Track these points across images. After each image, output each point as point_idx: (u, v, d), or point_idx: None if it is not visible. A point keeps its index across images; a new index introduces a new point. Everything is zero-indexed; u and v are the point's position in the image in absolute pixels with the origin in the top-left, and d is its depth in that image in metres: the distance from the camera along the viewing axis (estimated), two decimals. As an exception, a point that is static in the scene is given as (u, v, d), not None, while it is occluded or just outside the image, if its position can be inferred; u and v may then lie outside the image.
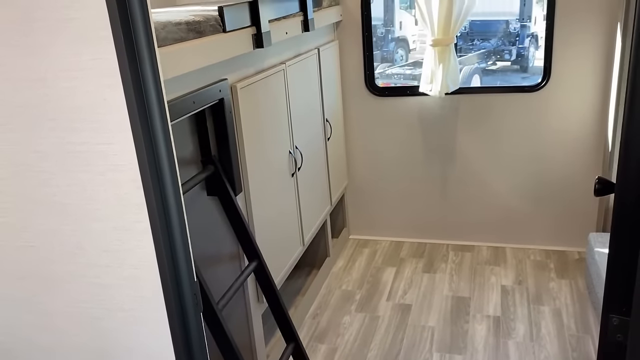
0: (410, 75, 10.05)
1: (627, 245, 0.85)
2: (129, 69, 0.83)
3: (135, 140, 0.86)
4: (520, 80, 9.65)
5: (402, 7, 10.78)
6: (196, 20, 1.87)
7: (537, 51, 10.25)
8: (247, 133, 2.32)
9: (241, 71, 2.32)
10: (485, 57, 9.87)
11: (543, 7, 10.76)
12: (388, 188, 3.88)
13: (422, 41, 10.94)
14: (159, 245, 0.89)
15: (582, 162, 3.43)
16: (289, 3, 2.69)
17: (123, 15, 0.80)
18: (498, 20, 9.75)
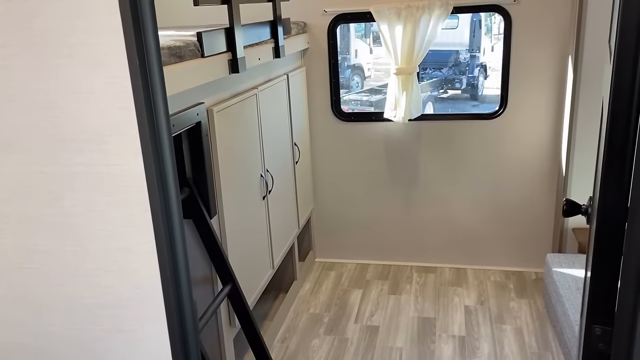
0: (367, 102, 10.30)
1: (608, 259, 0.93)
2: (142, 93, 0.85)
3: (146, 162, 0.88)
4: (471, 108, 10.04)
5: (357, 36, 11.08)
6: (177, 45, 1.90)
7: (485, 80, 10.72)
8: (222, 156, 2.33)
9: (217, 95, 2.35)
10: (437, 86, 10.23)
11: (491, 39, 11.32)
12: (353, 211, 3.95)
13: (376, 69, 11.28)
14: (164, 266, 0.90)
15: (538, 186, 3.60)
16: (261, 30, 2.75)
17: (139, 41, 0.83)
18: (449, 50, 10.15)
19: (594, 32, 3.01)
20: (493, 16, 10.89)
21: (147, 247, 0.92)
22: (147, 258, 0.91)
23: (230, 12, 2.27)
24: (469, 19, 9.86)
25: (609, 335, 0.94)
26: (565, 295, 2.77)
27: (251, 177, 2.69)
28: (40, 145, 0.87)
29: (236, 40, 2.31)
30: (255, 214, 2.76)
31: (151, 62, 0.85)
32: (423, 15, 3.33)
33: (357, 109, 9.85)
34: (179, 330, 0.94)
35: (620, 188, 0.92)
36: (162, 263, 0.90)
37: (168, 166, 0.90)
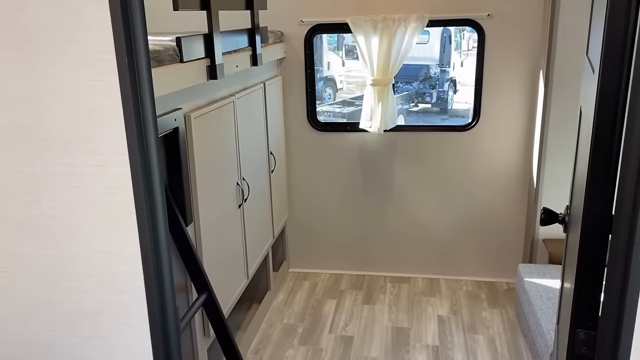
0: (340, 113, 10.35)
1: (591, 266, 0.95)
2: (131, 92, 0.83)
3: (132, 163, 0.85)
4: (441, 121, 10.20)
5: (330, 49, 11.16)
6: (156, 50, 1.87)
7: (455, 95, 10.92)
8: (199, 163, 2.30)
9: (194, 101, 2.33)
10: (408, 100, 10.37)
11: (460, 55, 11.54)
12: (327, 221, 3.95)
13: (348, 81, 11.37)
14: (148, 271, 0.87)
15: (510, 197, 3.67)
16: (239, 37, 2.73)
17: (128, 38, 0.81)
18: (420, 64, 10.32)
19: (564, 47, 3.10)
20: (463, 32, 11.15)
21: (130, 250, 0.89)
22: (131, 262, 0.88)
23: (209, 18, 2.25)
24: (439, 34, 10.05)
25: (592, 339, 0.95)
26: (538, 305, 2.82)
27: (227, 184, 2.67)
28: (21, 144, 0.83)
29: (215, 46, 2.29)
30: (231, 222, 2.72)
31: (140, 61, 0.83)
32: (399, 28, 3.38)
33: (330, 121, 9.91)
34: (162, 337, 0.91)
35: (604, 199, 0.94)
36: (147, 267, 0.87)
37: (154, 167, 0.88)
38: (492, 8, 3.34)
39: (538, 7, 3.27)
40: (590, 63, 1.16)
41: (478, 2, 3.34)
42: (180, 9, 1.98)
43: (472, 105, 3.65)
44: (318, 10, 3.52)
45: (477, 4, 3.35)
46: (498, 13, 3.34)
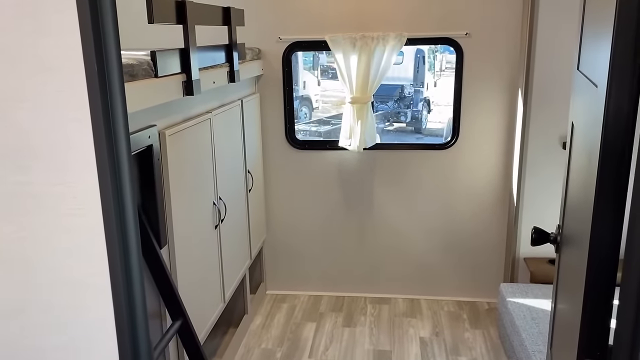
0: (316, 132, 10.34)
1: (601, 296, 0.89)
2: (101, 103, 0.75)
3: (101, 182, 0.77)
4: (415, 140, 10.27)
5: (305, 68, 11.19)
6: (129, 64, 1.78)
7: (429, 114, 11.03)
8: (174, 182, 2.20)
9: (169, 118, 2.23)
10: (383, 119, 10.44)
11: (434, 75, 11.71)
12: (306, 241, 3.86)
13: (324, 100, 11.40)
14: (118, 302, 0.78)
15: (489, 216, 3.65)
16: (216, 53, 2.66)
17: (98, 44, 0.73)
18: (394, 84, 10.42)
19: (543, 64, 3.11)
20: (436, 52, 11.32)
21: (99, 279, 0.80)
22: (99, 292, 0.78)
23: (185, 33, 2.18)
24: (413, 55, 10.17)
25: (601, 369, 0.89)
26: (522, 326, 2.77)
27: (204, 204, 2.56)
28: (-26, 162, 0.74)
29: (191, 61, 2.21)
30: (207, 244, 2.62)
31: (111, 70, 0.75)
32: (377, 46, 3.36)
33: (306, 139, 9.87)
34: (134, 376, 0.81)
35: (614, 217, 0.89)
36: (117, 298, 0.78)
37: (126, 188, 0.79)
38: (470, 27, 3.35)
39: (516, 25, 3.29)
40: (589, 78, 1.11)
41: (456, 21, 3.35)
42: (155, 22, 1.90)
43: (446, 124, 3.64)
44: (296, 27, 3.48)
45: (455, 23, 3.35)
46: (476, 32, 3.35)
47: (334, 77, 10.70)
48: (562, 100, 3.15)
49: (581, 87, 1.27)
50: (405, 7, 3.36)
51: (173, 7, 2.10)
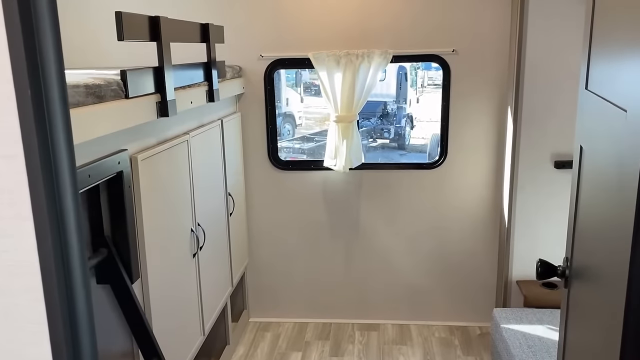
0: (299, 149, 10.24)
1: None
2: (36, 134, 0.60)
3: (39, 233, 0.62)
4: (399, 157, 10.23)
5: (288, 85, 11.12)
6: (96, 84, 1.63)
7: (412, 130, 11.02)
8: (147, 210, 2.04)
9: (142, 141, 2.08)
10: (366, 135, 10.39)
11: (416, 91, 11.73)
12: (291, 265, 3.70)
13: (307, 117, 11.32)
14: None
15: (480, 237, 3.53)
16: (194, 72, 2.52)
17: (32, 59, 0.59)
18: (377, 101, 10.39)
19: (532, 83, 3.03)
20: (418, 69, 11.35)
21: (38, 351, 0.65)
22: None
23: (159, 50, 2.04)
24: (396, 72, 10.18)
25: None
26: (518, 355, 2.63)
27: (180, 232, 2.40)
28: None
29: (166, 80, 2.07)
30: (184, 274, 2.45)
31: (50, 93, 0.61)
32: (362, 63, 3.25)
33: (289, 157, 9.78)
34: None
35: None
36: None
37: (72, 238, 0.65)
38: (457, 44, 3.26)
39: (504, 41, 3.21)
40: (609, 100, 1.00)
41: (442, 38, 3.26)
42: (125, 40, 1.76)
43: (429, 141, 3.53)
44: (278, 44, 3.36)
45: (442, 40, 3.26)
46: (463, 48, 3.27)
47: (317, 94, 10.65)
48: (553, 118, 3.07)
49: (593, 109, 1.16)
50: (390, 24, 3.27)
51: (146, 23, 1.96)
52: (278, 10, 3.31)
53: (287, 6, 3.30)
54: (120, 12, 1.73)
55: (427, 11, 3.23)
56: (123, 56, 3.27)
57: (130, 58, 3.20)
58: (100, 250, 1.86)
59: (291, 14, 3.31)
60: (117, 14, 1.72)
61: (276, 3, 3.30)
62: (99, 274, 1.91)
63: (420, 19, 3.25)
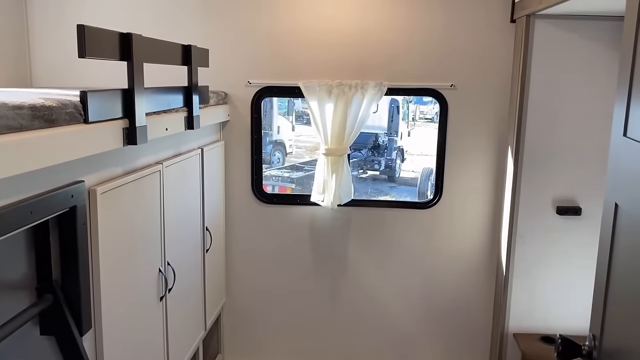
0: (288, 178, 10.04)
1: None
2: None
3: None
4: (389, 189, 10.08)
5: (280, 113, 11.00)
6: (46, 105, 1.40)
7: (402, 163, 10.90)
8: (106, 250, 1.79)
9: (105, 171, 1.84)
10: (356, 166, 10.25)
11: (408, 124, 11.66)
12: (272, 307, 3.43)
13: (298, 146, 11.17)
14: None
15: (475, 284, 3.30)
16: (172, 96, 2.31)
17: None
18: (369, 132, 10.29)
19: (536, 125, 2.85)
20: (410, 103, 11.30)
21: None
22: None
23: (130, 71, 1.82)
24: (388, 104, 10.14)
25: None
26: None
27: (146, 273, 2.15)
28: None
29: (136, 104, 1.84)
30: (148, 320, 2.18)
31: None
32: (355, 94, 3.07)
33: (278, 185, 9.57)
34: None
35: None
36: None
37: None
38: (455, 78, 3.09)
39: (505, 78, 3.04)
40: None
41: (441, 72, 3.09)
42: (87, 57, 1.54)
43: (420, 174, 3.33)
44: (268, 71, 3.17)
45: (440, 74, 3.09)
46: (462, 84, 3.10)
47: (308, 123, 10.53)
48: (556, 160, 2.88)
49: (635, 159, 0.95)
50: (386, 55, 3.09)
51: (116, 40, 1.74)
52: (269, 35, 3.13)
53: (278, 32, 3.12)
54: (83, 25, 1.52)
55: (425, 44, 3.07)
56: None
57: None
58: (45, 296, 1.60)
59: (282, 40, 3.13)
60: (80, 28, 1.51)
61: (267, 28, 3.12)
62: (43, 324, 1.65)
63: (417, 52, 3.08)
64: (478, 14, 3.02)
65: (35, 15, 3.18)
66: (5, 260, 1.52)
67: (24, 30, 3.19)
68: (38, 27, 3.19)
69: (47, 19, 3.18)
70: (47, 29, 3.18)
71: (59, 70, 3.19)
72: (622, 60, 1.04)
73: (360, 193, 9.36)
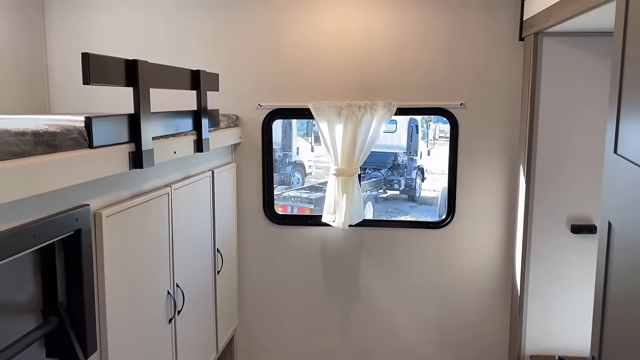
0: (307, 199, 10.05)
1: None
2: None
3: None
4: (409, 208, 10.00)
5: (299, 134, 11.07)
6: (50, 131, 1.45)
7: (423, 182, 10.82)
8: (112, 273, 1.82)
9: (111, 195, 1.88)
10: (376, 186, 10.21)
11: (427, 144, 11.62)
12: (284, 329, 3.41)
13: (317, 166, 11.20)
14: None
15: (490, 305, 3.24)
16: (180, 120, 2.35)
17: None
18: (388, 152, 10.27)
19: (547, 141, 2.82)
20: (429, 122, 11.27)
21: None
22: None
23: (136, 96, 1.87)
24: (407, 123, 10.14)
25: None
26: None
27: (154, 296, 2.17)
28: None
29: (142, 129, 1.88)
30: (156, 343, 2.20)
31: None
32: (365, 115, 3.08)
33: (297, 205, 9.58)
34: None
35: None
36: None
37: None
38: (465, 97, 3.09)
39: (515, 97, 3.02)
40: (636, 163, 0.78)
41: (450, 91, 3.09)
42: (92, 84, 1.59)
43: (440, 193, 3.30)
44: (278, 93, 3.21)
45: (450, 93, 3.09)
46: (472, 102, 3.09)
47: (321, 144, 10.54)
48: (569, 178, 2.84)
49: (626, 177, 0.94)
50: (396, 75, 3.11)
51: (122, 67, 1.79)
52: (278, 59, 3.18)
53: (287, 55, 3.17)
54: (88, 53, 1.56)
55: (434, 63, 3.08)
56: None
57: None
58: (50, 319, 1.63)
59: (292, 63, 3.17)
60: (84, 56, 1.56)
61: (276, 52, 3.17)
62: (49, 346, 1.67)
63: (426, 71, 3.09)
64: (486, 33, 3.02)
65: (53, 44, 3.29)
66: (12, 282, 1.55)
67: (43, 59, 3.30)
68: (56, 55, 3.30)
69: (64, 48, 3.28)
70: (64, 56, 3.28)
71: (77, 95, 3.28)
72: (612, 77, 1.03)
73: (380, 212, 9.32)
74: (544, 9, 2.51)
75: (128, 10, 3.23)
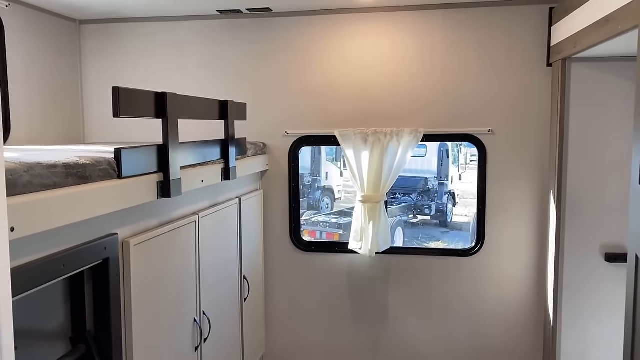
0: (336, 224, 10.02)
1: None
2: None
3: None
4: (440, 234, 9.85)
5: (328, 159, 11.12)
6: (80, 163, 1.50)
7: (454, 208, 10.67)
8: (139, 301, 1.85)
9: (139, 224, 1.92)
10: (406, 211, 10.12)
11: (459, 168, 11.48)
12: (311, 356, 3.38)
13: (347, 191, 11.20)
14: None
15: (522, 336, 3.14)
16: (208, 149, 2.40)
17: None
18: (418, 177, 10.20)
19: (577, 167, 2.76)
20: (460, 146, 11.17)
21: None
22: None
23: (165, 128, 1.92)
24: (437, 148, 10.07)
25: None
26: None
27: (180, 323, 2.18)
28: None
29: (170, 159, 1.93)
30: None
31: None
32: (391, 142, 3.08)
33: (326, 231, 9.56)
34: None
35: None
36: None
37: None
38: (493, 124, 3.06)
39: (544, 123, 2.98)
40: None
41: (478, 117, 3.07)
42: (122, 116, 1.64)
43: (473, 218, 3.25)
44: (304, 121, 3.25)
45: (477, 119, 3.07)
46: (500, 129, 3.06)
47: (348, 171, 10.53)
48: (602, 204, 2.77)
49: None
50: (422, 102, 3.11)
51: (151, 100, 1.85)
52: (305, 87, 3.23)
53: (314, 84, 3.22)
54: (118, 87, 1.62)
55: (462, 90, 3.07)
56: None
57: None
58: (78, 346, 1.66)
59: (318, 91, 3.21)
60: (114, 90, 1.62)
61: (303, 80, 3.23)
62: (75, 374, 1.70)
63: (454, 98, 3.08)
64: (514, 59, 3.00)
65: (89, 77, 3.42)
66: (43, 309, 1.59)
67: (79, 91, 3.43)
68: (91, 87, 3.42)
69: (99, 80, 3.40)
70: (99, 89, 3.40)
71: (110, 124, 3.38)
72: (635, 106, 1.02)
73: (411, 238, 9.22)
74: (571, 34, 2.49)
75: (162, 47, 3.35)
